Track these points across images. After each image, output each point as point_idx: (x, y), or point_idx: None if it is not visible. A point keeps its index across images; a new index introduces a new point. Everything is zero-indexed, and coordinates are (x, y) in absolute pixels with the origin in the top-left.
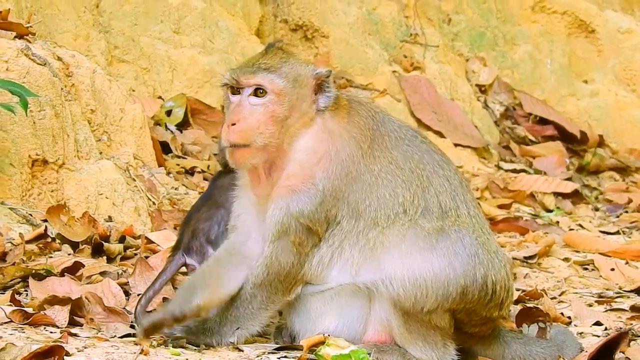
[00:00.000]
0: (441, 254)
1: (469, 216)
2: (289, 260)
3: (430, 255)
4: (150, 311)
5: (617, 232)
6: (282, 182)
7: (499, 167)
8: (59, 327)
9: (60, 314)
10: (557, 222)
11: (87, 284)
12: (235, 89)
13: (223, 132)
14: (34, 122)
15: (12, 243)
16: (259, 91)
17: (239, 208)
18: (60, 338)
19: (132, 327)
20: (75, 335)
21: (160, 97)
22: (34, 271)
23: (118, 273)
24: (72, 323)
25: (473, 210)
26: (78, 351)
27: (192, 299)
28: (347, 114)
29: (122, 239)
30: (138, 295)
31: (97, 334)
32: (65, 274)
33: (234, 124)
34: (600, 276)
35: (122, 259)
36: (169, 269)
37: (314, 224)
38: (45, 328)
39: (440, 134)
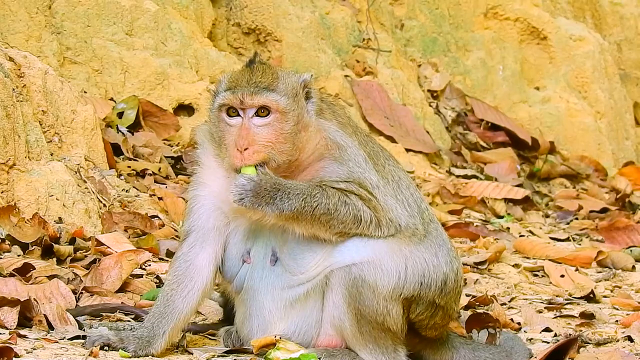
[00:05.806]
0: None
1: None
2: None
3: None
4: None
5: (567, 239)
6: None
7: (450, 173)
8: (7, 329)
9: (9, 315)
10: (508, 228)
11: (32, 283)
12: (234, 111)
13: (234, 157)
14: None
15: None
16: (260, 111)
17: (200, 210)
18: (9, 339)
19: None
20: (24, 336)
21: (112, 99)
22: None
23: (69, 278)
24: (21, 324)
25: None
26: (27, 352)
27: (157, 330)
28: (332, 114)
29: (72, 241)
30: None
31: (46, 335)
32: (16, 274)
33: (246, 149)
34: (550, 283)
35: (72, 260)
36: None
37: None
38: None
39: (392, 139)
